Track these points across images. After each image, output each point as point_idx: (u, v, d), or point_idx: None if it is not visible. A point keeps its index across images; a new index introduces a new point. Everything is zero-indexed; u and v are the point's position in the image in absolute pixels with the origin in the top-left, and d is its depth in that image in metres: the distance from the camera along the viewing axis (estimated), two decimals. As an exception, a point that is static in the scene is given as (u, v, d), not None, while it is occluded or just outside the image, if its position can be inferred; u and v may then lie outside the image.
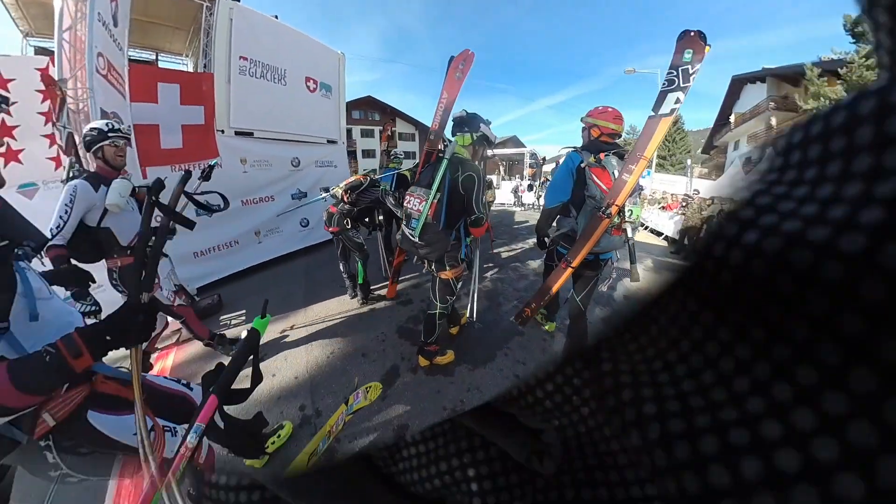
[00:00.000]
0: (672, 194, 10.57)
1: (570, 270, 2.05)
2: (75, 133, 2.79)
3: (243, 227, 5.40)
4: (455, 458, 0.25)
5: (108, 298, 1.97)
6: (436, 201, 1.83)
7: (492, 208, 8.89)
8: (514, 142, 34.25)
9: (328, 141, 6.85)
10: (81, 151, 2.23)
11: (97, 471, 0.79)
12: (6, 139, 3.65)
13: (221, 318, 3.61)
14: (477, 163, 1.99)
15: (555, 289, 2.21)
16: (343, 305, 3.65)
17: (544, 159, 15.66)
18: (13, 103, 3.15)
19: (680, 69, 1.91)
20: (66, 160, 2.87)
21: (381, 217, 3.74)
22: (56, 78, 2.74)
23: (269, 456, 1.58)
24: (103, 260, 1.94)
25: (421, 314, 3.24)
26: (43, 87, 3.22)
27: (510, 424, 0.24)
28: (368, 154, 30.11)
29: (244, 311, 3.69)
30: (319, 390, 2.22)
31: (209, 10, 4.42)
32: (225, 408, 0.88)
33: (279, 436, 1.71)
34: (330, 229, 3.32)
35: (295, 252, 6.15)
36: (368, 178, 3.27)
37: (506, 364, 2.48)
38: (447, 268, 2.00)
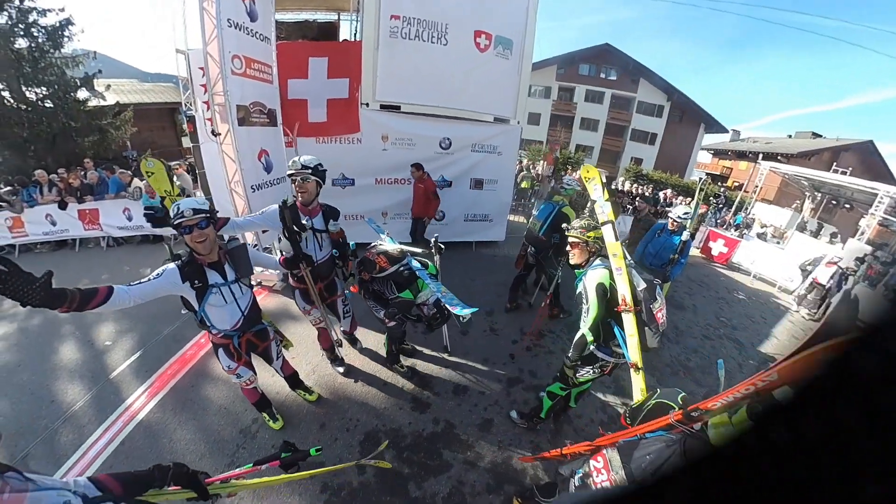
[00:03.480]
0: None
1: None
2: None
3: (371, 205, 5.83)
4: None
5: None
6: None
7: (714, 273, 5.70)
8: (862, 155, 20.31)
9: (496, 119, 6.22)
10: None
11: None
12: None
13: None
14: None
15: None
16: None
17: None
18: (202, 85, 4.18)
19: None
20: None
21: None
22: (204, 82, 3.75)
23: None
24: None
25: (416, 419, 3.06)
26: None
27: None
28: (589, 125, 27.41)
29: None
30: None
31: (356, -35, 4.50)
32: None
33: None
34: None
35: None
36: (399, 271, 2.72)
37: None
38: None
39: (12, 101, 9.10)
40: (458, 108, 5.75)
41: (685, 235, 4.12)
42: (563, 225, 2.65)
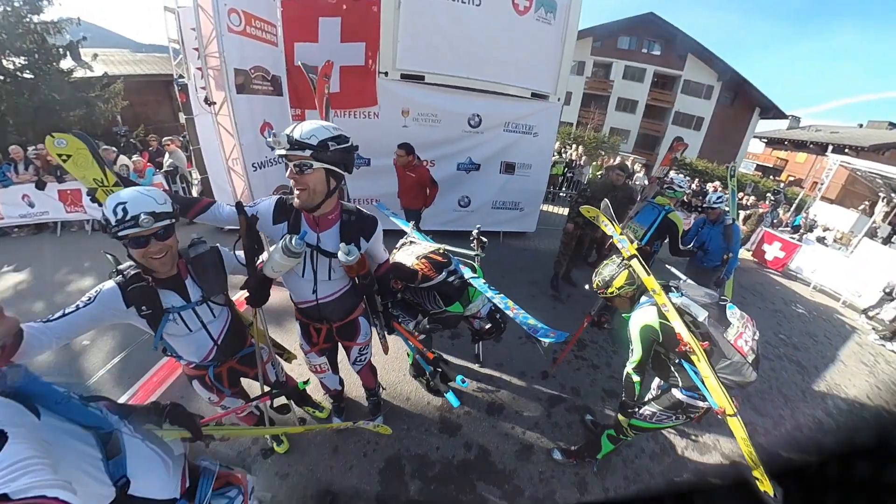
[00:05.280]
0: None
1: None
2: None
3: (386, 189, 5.41)
4: None
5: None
6: None
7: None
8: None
9: (533, 94, 5.96)
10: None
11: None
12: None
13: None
14: None
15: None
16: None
17: None
18: (196, 49, 4.02)
19: None
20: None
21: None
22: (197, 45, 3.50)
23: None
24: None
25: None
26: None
27: None
28: (626, 106, 26.75)
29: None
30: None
31: None
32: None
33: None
34: None
35: (436, 232, 5.89)
36: (448, 280, 2.38)
37: None
38: None
39: (-12, 71, 9.10)
40: (490, 80, 5.48)
41: (727, 221, 4.11)
42: (586, 286, 2.47)
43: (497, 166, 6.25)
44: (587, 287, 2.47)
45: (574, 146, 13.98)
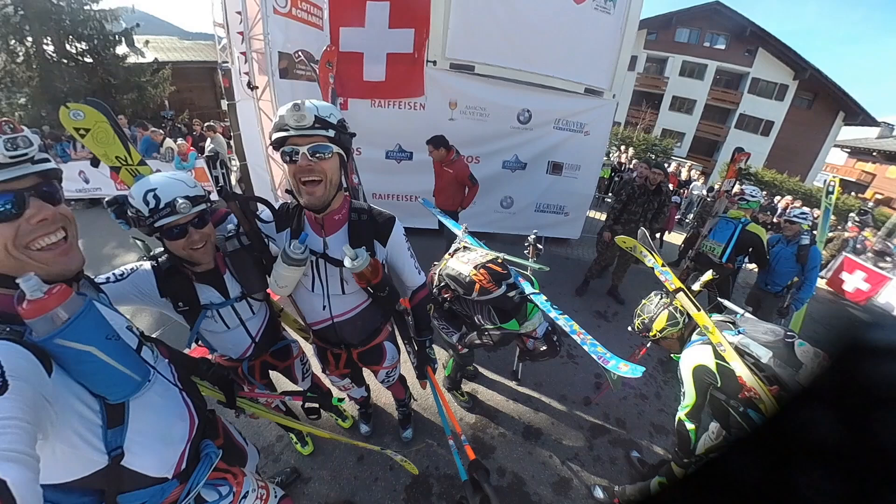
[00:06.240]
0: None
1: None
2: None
3: (426, 184, 5.15)
4: None
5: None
6: None
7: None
8: None
9: (587, 90, 5.71)
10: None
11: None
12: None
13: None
14: None
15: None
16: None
17: None
18: (240, 32, 4.04)
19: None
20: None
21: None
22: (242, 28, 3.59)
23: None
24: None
25: None
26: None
27: None
28: (682, 106, 25.41)
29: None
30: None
31: None
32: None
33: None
34: None
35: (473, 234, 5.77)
36: (508, 294, 2.19)
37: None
38: None
39: (54, 55, 9.87)
40: (543, 73, 5.28)
41: (805, 240, 3.77)
42: (629, 328, 2.30)
43: (544, 166, 6.03)
44: (629, 329, 2.27)
45: (623, 147, 13.38)
